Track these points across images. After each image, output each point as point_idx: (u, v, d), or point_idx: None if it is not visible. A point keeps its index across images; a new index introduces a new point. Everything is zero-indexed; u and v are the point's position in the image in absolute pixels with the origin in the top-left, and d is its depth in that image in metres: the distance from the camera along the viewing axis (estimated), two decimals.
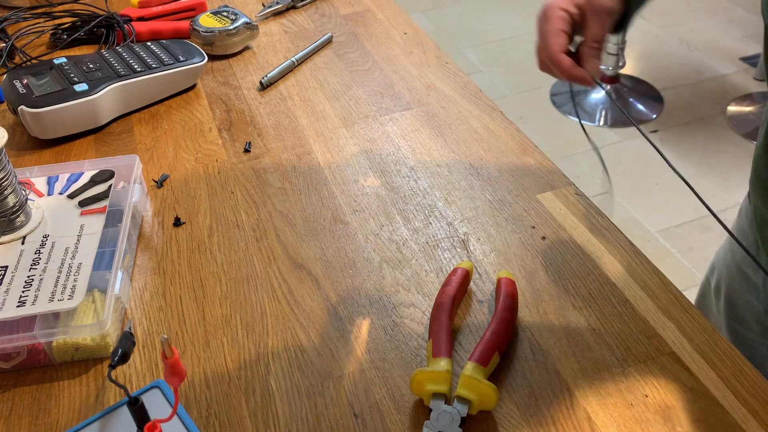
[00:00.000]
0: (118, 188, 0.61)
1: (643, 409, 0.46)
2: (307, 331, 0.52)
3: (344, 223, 0.62)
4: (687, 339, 0.50)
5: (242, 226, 0.62)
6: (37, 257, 0.55)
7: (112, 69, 0.76)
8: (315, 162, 0.69)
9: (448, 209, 0.63)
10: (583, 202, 0.63)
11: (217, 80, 0.84)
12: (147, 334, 0.53)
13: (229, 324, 0.53)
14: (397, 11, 0.97)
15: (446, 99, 0.78)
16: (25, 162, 0.71)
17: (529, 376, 0.48)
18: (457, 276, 0.53)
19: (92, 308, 0.50)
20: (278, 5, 0.97)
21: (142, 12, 0.93)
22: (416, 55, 0.87)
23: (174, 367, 0.38)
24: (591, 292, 0.54)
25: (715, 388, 0.47)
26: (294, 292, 0.55)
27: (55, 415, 0.47)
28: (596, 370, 0.48)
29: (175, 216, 0.63)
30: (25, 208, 0.58)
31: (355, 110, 0.77)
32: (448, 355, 0.47)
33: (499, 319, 0.49)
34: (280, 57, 0.88)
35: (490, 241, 0.59)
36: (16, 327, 0.50)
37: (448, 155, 0.70)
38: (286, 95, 0.80)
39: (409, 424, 0.46)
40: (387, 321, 0.53)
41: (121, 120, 0.77)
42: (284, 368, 0.50)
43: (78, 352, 0.50)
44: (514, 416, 0.46)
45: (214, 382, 0.49)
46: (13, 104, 0.71)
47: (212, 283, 0.57)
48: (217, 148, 0.72)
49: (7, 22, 0.92)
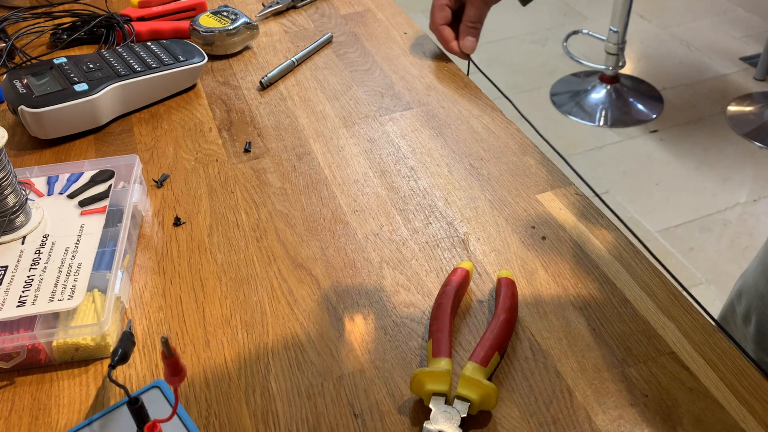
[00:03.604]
0: (118, 188, 0.61)
1: (643, 409, 0.46)
2: (307, 331, 0.52)
3: (344, 223, 0.62)
4: (687, 339, 0.50)
5: (242, 226, 0.62)
6: (37, 257, 0.55)
7: (112, 69, 0.76)
8: (315, 162, 0.69)
9: (448, 209, 0.63)
10: (583, 202, 0.63)
11: (217, 80, 0.84)
12: (147, 334, 0.53)
13: (229, 324, 0.53)
14: (397, 11, 0.97)
15: (446, 99, 0.78)
16: (25, 162, 0.71)
17: (529, 376, 0.48)
18: (457, 276, 0.53)
19: (92, 308, 0.50)
20: (278, 5, 0.97)
21: (142, 12, 0.93)
22: (416, 55, 0.87)
23: (174, 367, 0.38)
24: (591, 292, 0.54)
25: (715, 388, 0.47)
26: (294, 292, 0.55)
27: (55, 415, 0.47)
28: (596, 370, 0.48)
29: (175, 216, 0.63)
30: (25, 208, 0.58)
31: (355, 110, 0.77)
32: (448, 355, 0.47)
33: (499, 319, 0.49)
34: (280, 57, 0.88)
35: (490, 241, 0.59)
36: (16, 327, 0.50)
37: (448, 155, 0.70)
38: (286, 95, 0.80)
39: (409, 424, 0.46)
40: (387, 321, 0.53)
41: (121, 120, 0.77)
42: (284, 368, 0.50)
43: (78, 352, 0.50)
44: (514, 416, 0.46)
45: (214, 382, 0.49)
46: (13, 104, 0.71)
47: (212, 283, 0.57)
48: (217, 148, 0.72)
49: (7, 22, 0.92)
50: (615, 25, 2.26)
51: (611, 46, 2.33)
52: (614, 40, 2.30)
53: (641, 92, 2.46)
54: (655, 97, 2.43)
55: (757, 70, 2.49)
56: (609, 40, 2.32)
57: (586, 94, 2.45)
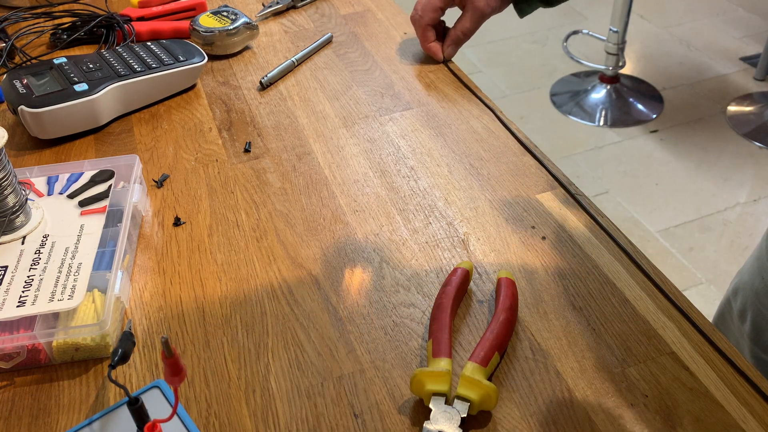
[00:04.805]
0: (118, 188, 0.61)
1: (643, 409, 0.46)
2: (307, 331, 0.52)
3: (344, 223, 0.62)
4: (687, 339, 0.50)
5: (242, 226, 0.62)
6: (37, 257, 0.55)
7: (112, 69, 0.76)
8: (315, 162, 0.69)
9: (448, 209, 0.63)
10: (583, 202, 0.63)
11: (217, 80, 0.84)
12: (147, 334, 0.53)
13: (229, 324, 0.53)
14: (397, 11, 0.97)
15: (446, 99, 0.78)
16: (25, 162, 0.71)
17: (529, 376, 0.48)
18: (457, 276, 0.53)
19: (92, 308, 0.50)
20: (278, 5, 0.97)
21: (142, 12, 0.93)
22: (416, 55, 0.87)
23: (174, 367, 0.38)
24: (591, 292, 0.54)
25: (715, 388, 0.47)
26: (294, 292, 0.55)
27: (55, 415, 0.47)
28: (596, 370, 0.48)
29: (175, 216, 0.63)
30: (25, 208, 0.58)
31: (355, 110, 0.77)
32: (448, 355, 0.47)
33: (499, 319, 0.49)
34: (280, 57, 0.88)
35: (490, 241, 0.59)
36: (16, 327, 0.50)
37: (448, 155, 0.70)
38: (286, 95, 0.80)
39: (409, 424, 0.46)
40: (387, 321, 0.53)
41: (121, 120, 0.77)
42: (284, 368, 0.50)
43: (78, 352, 0.50)
44: (514, 416, 0.46)
45: (214, 382, 0.49)
46: (13, 104, 0.71)
47: (212, 283, 0.57)
48: (217, 148, 0.72)
49: (7, 22, 0.92)
50: (615, 25, 2.26)
51: (611, 46, 2.33)
52: (614, 40, 2.30)
53: (641, 92, 2.46)
54: (655, 97, 2.43)
55: (757, 70, 2.49)
56: (609, 40, 2.32)
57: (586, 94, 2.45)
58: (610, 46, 2.34)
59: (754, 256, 0.73)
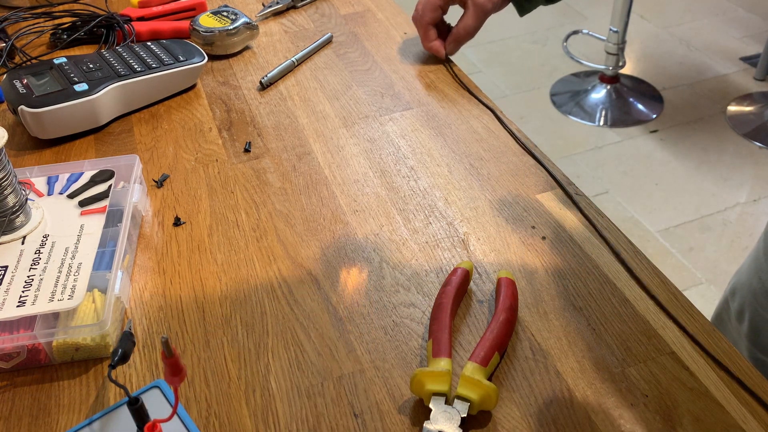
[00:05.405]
0: (118, 188, 0.61)
1: (643, 409, 0.46)
2: (307, 331, 0.52)
3: (344, 223, 0.62)
4: (687, 339, 0.50)
5: (242, 226, 0.62)
6: (37, 257, 0.55)
7: (112, 69, 0.76)
8: (315, 162, 0.69)
9: (448, 209, 0.63)
10: (583, 202, 0.63)
11: (217, 80, 0.84)
12: (147, 334, 0.53)
13: (229, 324, 0.53)
14: (397, 11, 0.97)
15: (446, 99, 0.78)
16: (25, 162, 0.71)
17: (529, 376, 0.48)
18: (457, 276, 0.53)
19: (92, 308, 0.50)
20: (278, 5, 0.97)
21: (142, 12, 0.93)
22: (416, 55, 0.87)
23: (174, 367, 0.38)
24: (591, 292, 0.54)
25: (715, 388, 0.47)
26: (294, 292, 0.55)
27: (55, 415, 0.47)
28: (596, 370, 0.48)
29: (175, 216, 0.63)
30: (25, 208, 0.58)
31: (355, 110, 0.77)
32: (448, 355, 0.47)
33: (499, 319, 0.49)
34: (280, 57, 0.88)
35: (490, 241, 0.59)
36: (16, 327, 0.50)
37: (448, 155, 0.70)
38: (286, 95, 0.80)
39: (409, 424, 0.46)
40: (387, 321, 0.53)
41: (121, 120, 0.77)
42: (284, 368, 0.50)
43: (78, 352, 0.50)
44: (514, 416, 0.46)
45: (214, 382, 0.49)
46: (13, 104, 0.71)
47: (212, 283, 0.57)
48: (217, 148, 0.72)
49: (7, 22, 0.92)
50: (615, 25, 2.26)
51: (611, 46, 2.33)
52: (614, 40, 2.30)
53: (641, 92, 2.46)
54: (655, 97, 2.43)
55: (757, 70, 2.49)
56: (609, 40, 2.32)
57: (586, 94, 2.45)
58: (610, 46, 2.34)
59: (752, 257, 0.73)
